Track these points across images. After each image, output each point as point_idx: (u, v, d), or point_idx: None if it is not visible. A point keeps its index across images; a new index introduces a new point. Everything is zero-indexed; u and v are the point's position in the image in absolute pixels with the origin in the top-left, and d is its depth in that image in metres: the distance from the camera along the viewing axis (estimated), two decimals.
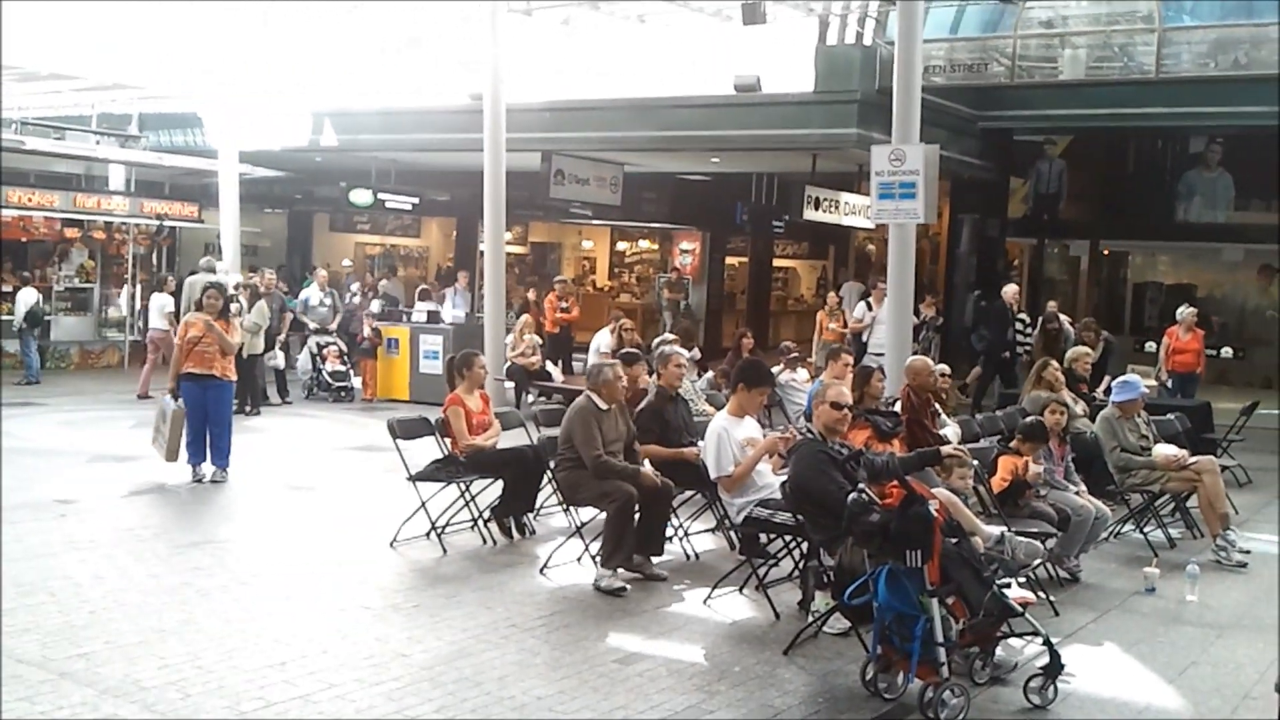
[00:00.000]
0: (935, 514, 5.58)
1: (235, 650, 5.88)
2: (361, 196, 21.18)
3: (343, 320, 17.59)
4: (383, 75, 19.73)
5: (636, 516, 7.64)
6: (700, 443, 7.89)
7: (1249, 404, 12.37)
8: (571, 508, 8.14)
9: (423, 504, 8.16)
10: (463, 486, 8.51)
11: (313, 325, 17.06)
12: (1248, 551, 8.75)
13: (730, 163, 22.11)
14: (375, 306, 18.10)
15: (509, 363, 15.38)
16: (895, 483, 5.92)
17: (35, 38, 16.37)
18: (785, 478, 6.91)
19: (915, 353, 10.98)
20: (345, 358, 16.97)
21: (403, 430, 8.70)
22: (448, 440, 8.66)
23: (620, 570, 7.48)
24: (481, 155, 16.11)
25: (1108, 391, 9.83)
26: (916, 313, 14.73)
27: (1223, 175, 21.65)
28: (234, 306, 11.84)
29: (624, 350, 11.06)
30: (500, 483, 8.66)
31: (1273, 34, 17.36)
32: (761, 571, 7.11)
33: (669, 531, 8.20)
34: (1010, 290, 17.10)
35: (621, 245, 29.33)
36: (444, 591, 7.30)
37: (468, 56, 17.71)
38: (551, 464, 8.13)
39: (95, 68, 18.17)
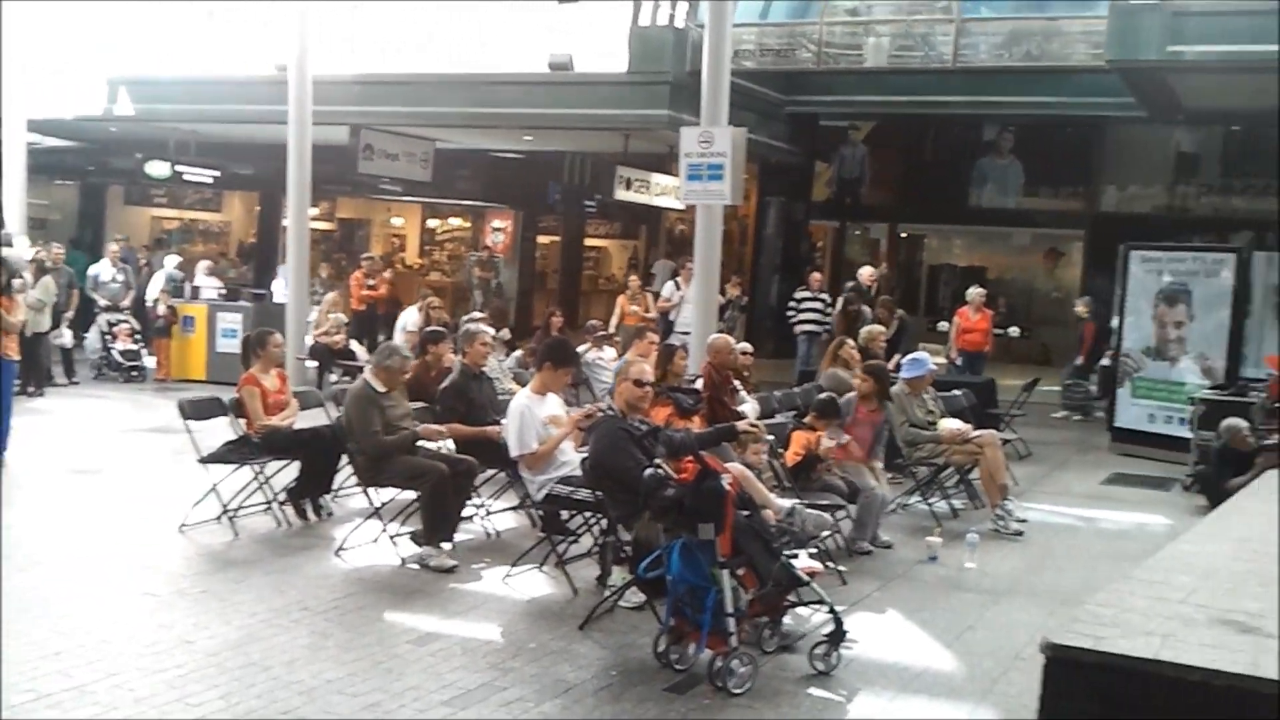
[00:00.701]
0: (728, 488, 5.72)
1: (5, 641, 5.60)
2: (158, 169, 20.38)
3: (135, 297, 16.89)
4: (184, 42, 18.96)
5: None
6: (504, 421, 7.89)
7: (1030, 380, 13.02)
8: (371, 488, 8.02)
9: (213, 487, 7.94)
10: (257, 468, 8.30)
11: (103, 302, 16.34)
12: (1024, 520, 9.23)
13: (543, 141, 22.09)
14: (158, 282, 17.03)
15: (312, 341, 15.04)
16: (691, 458, 6.04)
17: None
18: (586, 455, 6.99)
19: (720, 332, 11.18)
20: (138, 336, 16.30)
21: (194, 410, 8.44)
22: (242, 421, 8.44)
23: (444, 545, 7.46)
24: (286, 128, 15.64)
25: (898, 369, 10.20)
26: (722, 292, 14.99)
27: (1014, 162, 22.69)
28: (17, 282, 11.23)
29: (429, 329, 10.96)
30: (297, 464, 8.48)
31: (1063, 27, 18.23)
32: (561, 548, 7.17)
33: (470, 511, 8.18)
34: (815, 276, 17.73)
35: (433, 223, 28.96)
36: (234, 576, 7.12)
37: (272, 23, 17.18)
38: (350, 445, 8.00)
39: None
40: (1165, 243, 14.72)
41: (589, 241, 28.67)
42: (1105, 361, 14.99)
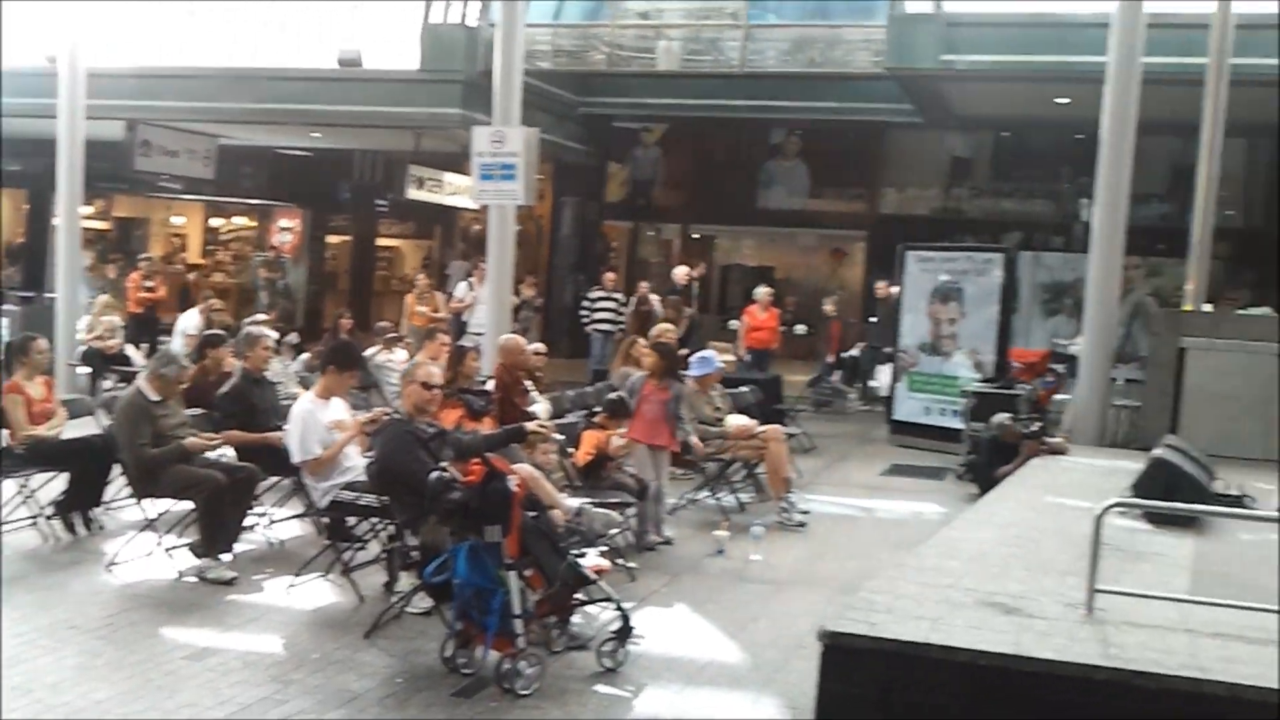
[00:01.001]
0: (515, 489, 5.70)
1: None
2: None
3: None
4: None
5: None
6: (286, 427, 7.67)
7: (814, 377, 13.43)
8: (144, 500, 7.67)
9: None
10: (21, 481, 7.84)
11: None
12: (807, 512, 9.51)
13: (333, 139, 21.63)
14: None
15: (85, 346, 14.30)
16: (478, 460, 6.00)
17: None
18: (371, 459, 6.86)
19: (515, 332, 11.15)
20: None
21: None
22: (4, 431, 7.96)
23: (224, 556, 7.19)
24: (56, 122, 14.79)
25: (687, 366, 10.35)
26: (517, 293, 14.96)
27: (800, 165, 23.34)
28: None
29: (208, 332, 10.59)
30: (65, 475, 8.05)
31: (845, 35, 18.85)
32: (347, 556, 7.02)
33: (251, 520, 7.92)
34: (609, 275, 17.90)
35: (216, 222, 27.90)
36: None
37: (43, 13, 16.26)
38: (121, 455, 7.64)
39: None
40: (940, 243, 15.39)
41: (382, 241, 28.12)
42: (854, 351, 15.57)
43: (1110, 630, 4.78)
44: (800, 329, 17.27)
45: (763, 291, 16.20)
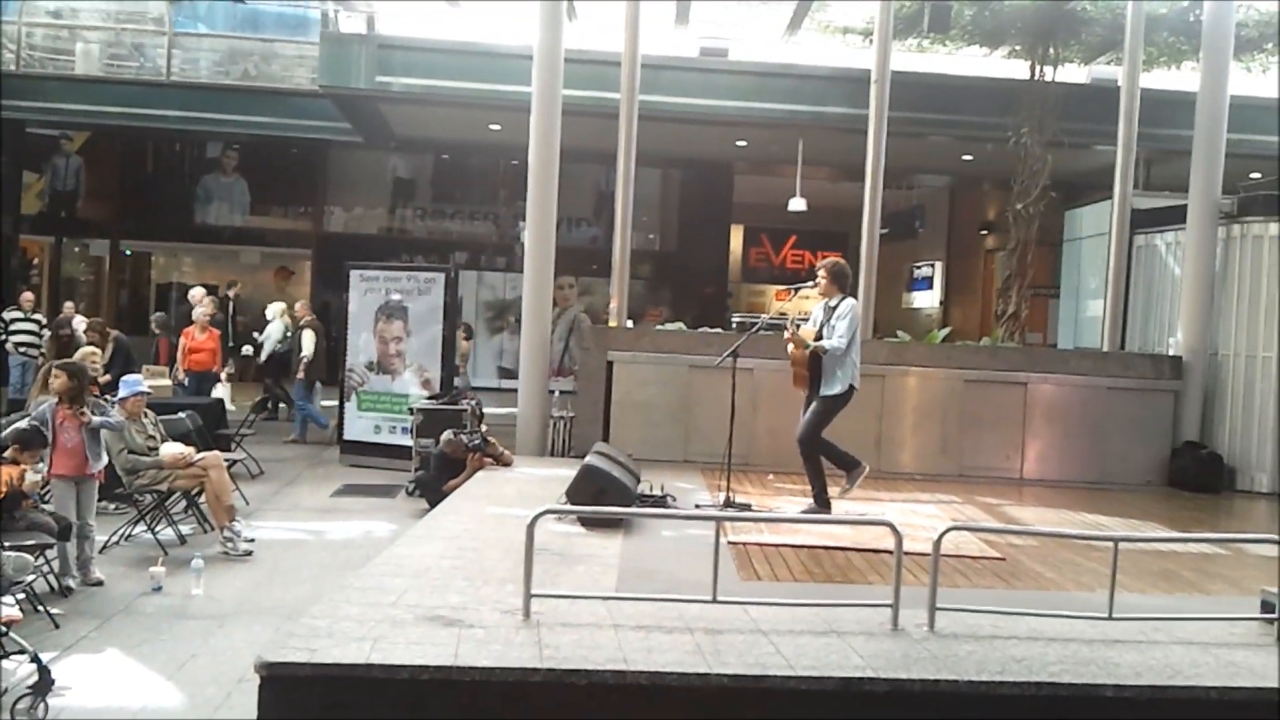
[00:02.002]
0: None
1: None
2: None
3: None
4: None
5: None
6: None
7: (260, 399, 13.02)
8: None
9: None
10: None
11: None
12: (253, 540, 9.18)
13: None
14: None
15: None
16: None
17: None
18: None
19: None
20: None
21: None
22: None
23: None
24: None
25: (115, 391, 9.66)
26: None
27: (239, 180, 22.61)
28: None
29: None
30: None
31: (279, 50, 18.45)
32: None
33: None
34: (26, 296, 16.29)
35: None
36: None
37: None
38: None
39: None
40: (383, 262, 15.49)
41: None
42: (246, 350, 15.55)
43: (545, 633, 5.02)
44: (248, 350, 16.65)
45: (201, 312, 15.44)
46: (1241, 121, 13.96)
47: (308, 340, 14.95)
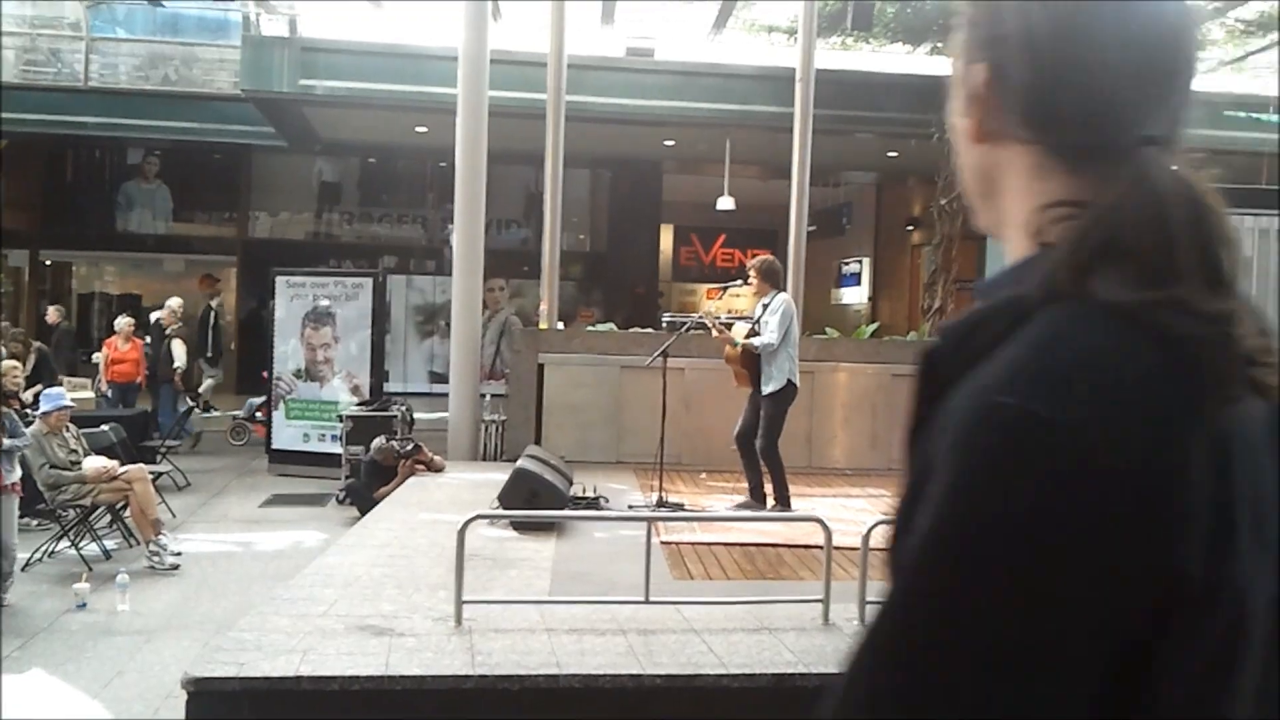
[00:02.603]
0: None
1: None
2: None
3: None
4: None
5: None
6: None
7: (185, 409, 12.82)
8: None
9: None
10: None
11: None
12: (180, 553, 9.03)
13: None
14: None
15: None
16: None
17: None
18: None
19: None
20: None
21: None
22: None
23: None
24: None
25: (38, 404, 9.47)
26: None
27: (161, 187, 22.20)
28: None
29: None
30: None
31: (200, 54, 18.19)
32: None
33: None
34: None
35: None
36: None
37: None
38: None
39: None
40: (309, 268, 15.31)
41: None
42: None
43: (477, 639, 4.99)
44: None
45: (123, 322, 15.15)
46: None
47: (178, 350, 14.74)
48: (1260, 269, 12.28)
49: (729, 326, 8.91)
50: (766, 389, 8.60)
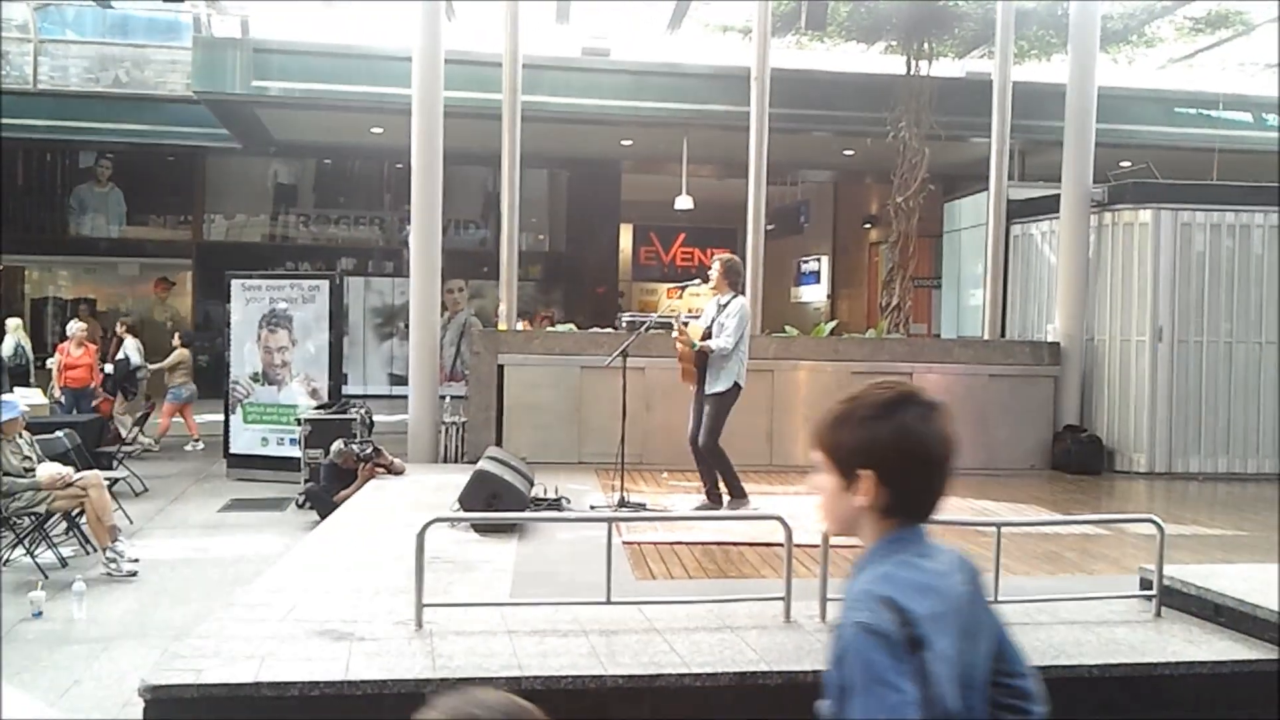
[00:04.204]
0: None
1: None
2: None
3: None
4: None
5: None
6: None
7: (140, 415, 12.69)
8: None
9: None
10: None
11: None
12: (138, 560, 8.94)
13: None
14: None
15: None
16: None
17: None
18: None
19: None
20: None
21: None
22: None
23: None
24: None
25: None
26: None
27: (114, 190, 21.99)
28: None
29: None
30: None
31: (151, 56, 17.98)
32: None
33: None
34: None
35: None
36: None
37: None
38: None
39: None
40: (264, 271, 15.18)
41: None
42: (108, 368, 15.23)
43: (438, 642, 4.97)
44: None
45: (76, 327, 15.00)
46: (1110, 111, 14.40)
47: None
48: (1242, 263, 12.47)
49: (686, 326, 8.92)
50: (712, 389, 8.63)
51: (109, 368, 15.39)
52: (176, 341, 15.93)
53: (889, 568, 1.90)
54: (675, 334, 8.82)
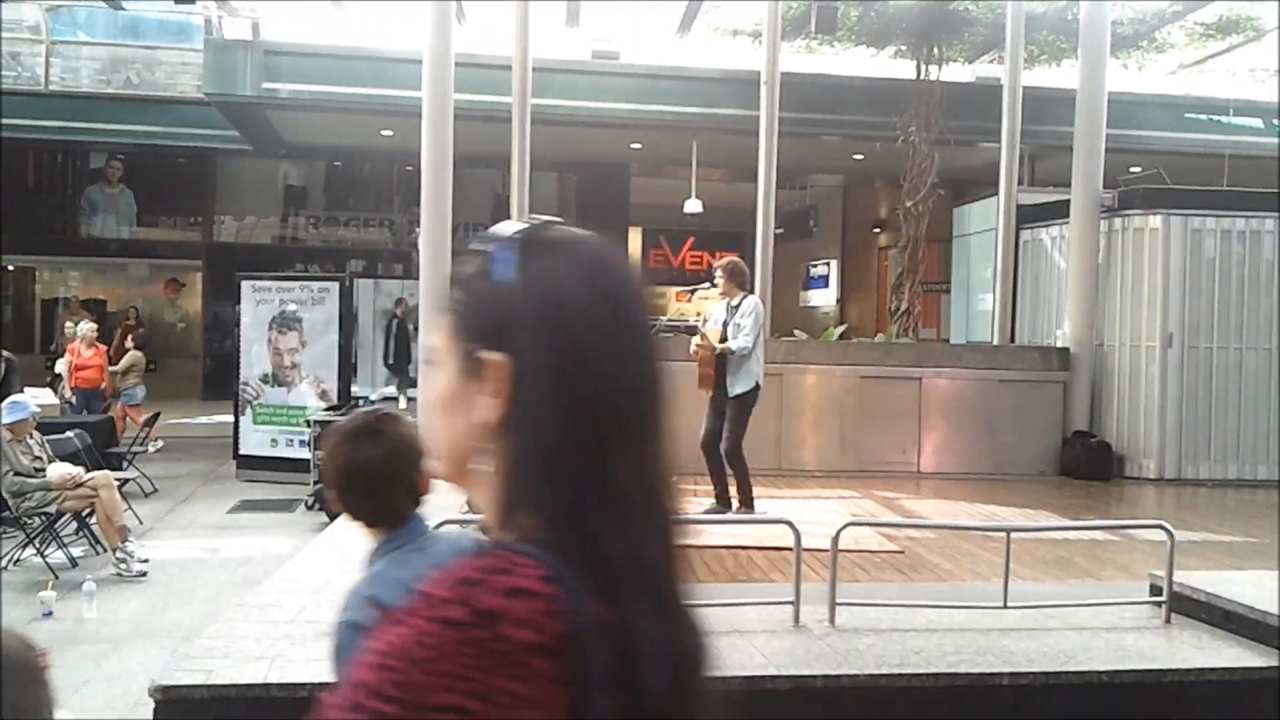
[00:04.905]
0: None
1: None
2: None
3: None
4: None
5: None
6: None
7: (151, 415, 12.73)
8: None
9: None
10: None
11: None
12: (148, 560, 8.97)
13: None
14: None
15: None
16: None
17: None
18: None
19: None
20: None
21: None
22: None
23: None
24: None
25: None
26: None
27: (125, 191, 22.06)
28: None
29: None
30: None
31: (162, 58, 18.03)
32: None
33: None
34: None
35: None
36: None
37: None
38: None
39: None
40: (275, 272, 15.21)
41: None
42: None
43: None
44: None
45: (86, 328, 15.04)
46: (1120, 117, 14.38)
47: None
48: (1252, 270, 12.45)
49: (694, 331, 8.90)
50: (734, 391, 8.58)
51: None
52: (130, 343, 15.95)
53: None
54: (698, 339, 8.72)
